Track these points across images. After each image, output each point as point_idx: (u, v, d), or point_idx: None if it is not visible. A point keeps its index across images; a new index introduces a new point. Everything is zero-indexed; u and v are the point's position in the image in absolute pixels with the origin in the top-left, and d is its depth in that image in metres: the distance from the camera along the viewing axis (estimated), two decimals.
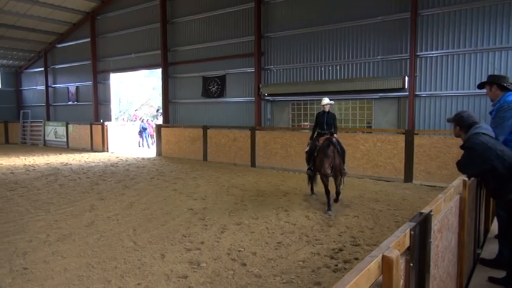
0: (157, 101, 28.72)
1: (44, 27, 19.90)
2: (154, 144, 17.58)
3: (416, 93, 10.86)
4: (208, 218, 6.66)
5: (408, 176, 9.84)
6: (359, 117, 12.32)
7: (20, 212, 7.13)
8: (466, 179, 3.27)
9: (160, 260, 4.76)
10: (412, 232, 1.82)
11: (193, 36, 15.80)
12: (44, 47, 21.94)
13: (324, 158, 6.76)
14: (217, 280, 4.16)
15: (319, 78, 12.63)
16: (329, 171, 6.78)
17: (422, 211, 2.08)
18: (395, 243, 1.64)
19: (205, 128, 14.36)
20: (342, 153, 7.16)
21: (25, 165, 13.61)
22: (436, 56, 10.55)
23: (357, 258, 4.75)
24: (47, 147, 20.75)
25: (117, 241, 5.48)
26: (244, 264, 4.60)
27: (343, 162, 7.30)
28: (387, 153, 10.21)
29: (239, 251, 5.05)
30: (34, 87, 23.65)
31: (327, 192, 7.00)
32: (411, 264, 1.83)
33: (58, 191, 8.98)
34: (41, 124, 21.71)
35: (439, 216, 2.43)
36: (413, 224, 1.88)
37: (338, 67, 12.22)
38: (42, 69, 22.47)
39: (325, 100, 7.73)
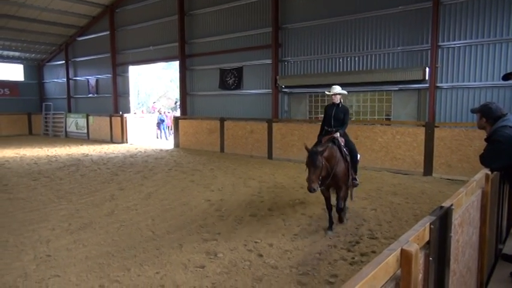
0: (175, 93, 28.98)
1: (64, 20, 20.23)
2: (172, 136, 17.75)
3: (438, 84, 10.60)
4: (225, 209, 6.71)
5: (428, 169, 9.66)
6: (378, 109, 12.13)
7: (44, 201, 7.35)
8: (489, 172, 3.18)
9: (178, 249, 4.84)
10: (432, 226, 1.79)
11: (210, 28, 15.80)
12: (64, 40, 22.33)
13: (308, 168, 5.02)
14: (233, 270, 4.20)
15: (337, 70, 12.47)
16: (314, 187, 4.87)
17: (442, 205, 2.04)
18: (415, 237, 1.62)
19: (222, 120, 14.42)
20: (350, 157, 5.74)
21: (48, 155, 13.98)
22: (459, 47, 10.25)
23: (374, 252, 4.72)
24: (69, 138, 21.24)
25: (136, 230, 5.59)
26: (261, 255, 4.63)
27: (354, 170, 5.88)
28: (406, 146, 10.03)
29: (255, 242, 5.08)
30: (56, 79, 24.16)
31: (328, 207, 5.63)
32: (430, 258, 1.80)
33: (79, 181, 9.20)
34: (63, 116, 22.22)
35: (460, 211, 2.39)
36: (433, 217, 1.84)
37: (356, 58, 12.03)
38: (64, 62, 22.92)
39: (335, 89, 6.15)
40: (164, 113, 22.05)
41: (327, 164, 5.12)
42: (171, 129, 20.46)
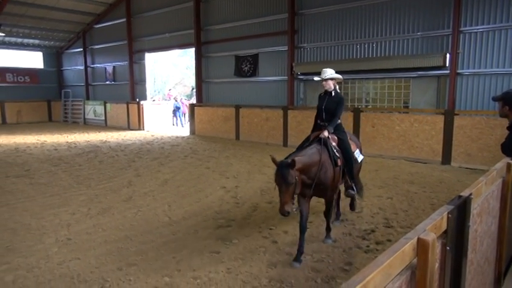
0: (191, 81, 29.04)
1: (82, 8, 20.39)
2: (188, 123, 17.88)
3: (458, 71, 10.31)
4: (240, 196, 6.76)
5: (446, 158, 9.49)
6: (395, 97, 11.91)
7: (64, 186, 7.54)
8: (511, 161, 3.10)
9: (194, 235, 4.91)
10: (449, 215, 1.77)
11: (226, 15, 15.68)
12: (82, 27, 22.55)
13: (278, 186, 3.93)
14: (248, 256, 4.25)
15: (355, 56, 12.25)
16: (288, 209, 3.80)
17: (461, 194, 2.01)
18: (432, 226, 1.60)
19: (237, 108, 14.42)
20: (345, 159, 4.63)
21: (67, 142, 14.29)
22: (482, 32, 9.91)
23: (389, 240, 4.69)
24: (87, 125, 21.63)
25: (153, 216, 5.70)
26: (276, 242, 4.66)
27: (350, 175, 4.74)
28: (424, 134, 9.86)
29: (270, 229, 5.12)
30: (74, 67, 24.50)
31: (302, 227, 4.23)
32: (448, 247, 1.78)
33: (98, 167, 9.39)
34: (81, 103, 22.59)
35: (479, 200, 2.34)
36: (451, 207, 1.82)
37: (374, 44, 11.78)
38: (81, 49, 23.18)
39: (326, 73, 4.91)
40: (180, 100, 22.17)
41: (304, 175, 4.07)
42: (185, 116, 20.63)
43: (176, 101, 21.45)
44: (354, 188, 4.89)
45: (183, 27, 17.28)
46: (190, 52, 19.88)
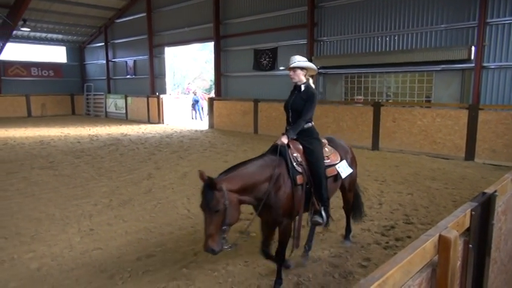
0: (210, 75, 29.16)
1: (104, 3, 20.70)
2: (207, 116, 17.99)
3: (484, 64, 9.99)
4: None
5: (469, 154, 9.24)
6: (417, 91, 11.65)
7: (86, 178, 7.72)
8: None
9: None
10: (473, 213, 1.72)
11: (245, 8, 15.63)
12: (104, 22, 22.91)
13: (204, 213, 2.99)
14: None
15: (375, 50, 12.02)
16: (213, 246, 2.90)
17: (485, 191, 1.95)
18: (454, 223, 1.56)
19: (256, 101, 14.40)
20: (313, 176, 3.54)
21: (89, 135, 14.61)
22: (509, 23, 9.56)
23: (409, 237, 4.62)
24: (108, 118, 22.05)
25: (172, 208, 5.78)
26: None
27: (319, 197, 3.61)
28: (447, 129, 9.62)
29: None
30: (96, 61, 24.96)
31: (264, 252, 3.63)
32: (470, 245, 1.74)
33: (119, 160, 9.57)
34: (103, 97, 23.03)
35: (505, 197, 2.27)
36: (474, 204, 1.77)
37: (396, 37, 11.53)
38: (103, 44, 23.57)
39: (293, 59, 3.93)
40: (199, 94, 22.31)
41: (249, 197, 3.19)
42: (203, 110, 20.77)
43: (195, 94, 21.60)
44: (323, 214, 3.65)
45: (203, 21, 17.33)
46: (210, 46, 19.97)
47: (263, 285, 3.52)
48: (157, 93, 19.66)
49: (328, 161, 3.80)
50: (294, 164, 3.46)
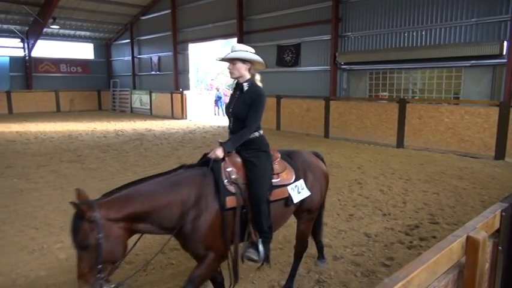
0: None
1: (130, 0, 21.09)
2: None
3: None
4: None
5: (500, 153, 8.92)
6: (445, 87, 11.32)
7: (112, 171, 7.92)
8: None
9: None
10: (503, 214, 1.67)
11: (268, 4, 15.58)
12: (129, 19, 23.34)
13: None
14: (287, 247, 4.26)
15: (402, 45, 11.74)
16: None
17: None
18: (483, 224, 1.52)
19: (278, 98, 14.36)
20: (250, 198, 2.76)
21: (115, 130, 14.96)
22: None
23: (434, 237, 4.51)
24: (134, 113, 22.50)
25: None
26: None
27: (257, 225, 2.81)
28: (476, 127, 9.31)
29: None
30: (122, 57, 25.49)
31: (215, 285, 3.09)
32: (500, 247, 1.69)
33: (143, 154, 9.77)
34: (128, 92, 23.52)
35: None
36: (505, 205, 1.71)
37: (423, 32, 11.22)
38: (129, 40, 24.04)
39: (232, 48, 3.16)
40: (222, 90, 22.44)
41: (151, 226, 2.47)
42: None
43: (218, 91, 21.73)
44: (261, 248, 2.82)
45: (226, 18, 17.39)
46: (233, 42, 20.01)
47: (284, 282, 3.52)
48: (180, 89, 19.90)
49: (278, 180, 2.94)
50: (225, 181, 2.67)
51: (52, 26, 21.39)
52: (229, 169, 2.76)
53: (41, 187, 6.68)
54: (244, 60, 3.05)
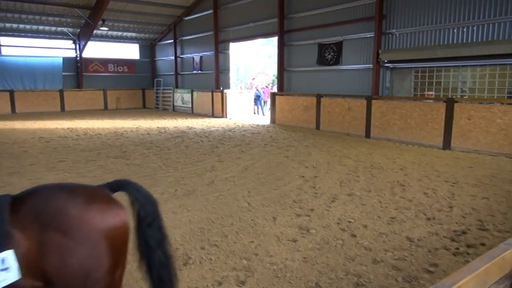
0: (273, 70, 29.27)
1: (173, 1, 21.66)
2: (269, 111, 18.10)
3: None
4: (319, 186, 6.68)
5: None
6: (498, 86, 10.65)
7: (154, 168, 8.19)
8: None
9: (272, 222, 4.99)
10: None
11: (309, 2, 15.40)
12: (173, 20, 23.97)
13: None
14: (325, 248, 4.20)
15: (450, 42, 11.18)
16: None
17: None
18: None
19: (318, 97, 14.19)
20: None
21: (158, 127, 15.46)
22: None
23: (483, 244, 4.27)
24: (176, 112, 23.12)
25: (233, 201, 5.91)
26: (354, 236, 4.53)
27: None
28: None
29: (349, 221, 4.98)
30: (165, 57, 26.26)
31: None
32: None
33: (184, 152, 10.01)
34: (171, 91, 24.20)
35: None
36: None
37: (474, 28, 10.62)
38: (172, 41, 24.70)
39: None
40: (262, 88, 22.50)
41: None
42: (265, 104, 20.91)
43: (258, 89, 21.82)
44: None
45: (267, 16, 17.41)
46: (273, 41, 20.03)
47: (322, 283, 3.48)
48: (221, 88, 20.18)
49: None
50: None
51: (101, 28, 22.43)
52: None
53: (88, 181, 7.04)
54: None
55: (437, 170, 7.83)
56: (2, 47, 22.28)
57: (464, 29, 10.84)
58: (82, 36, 23.28)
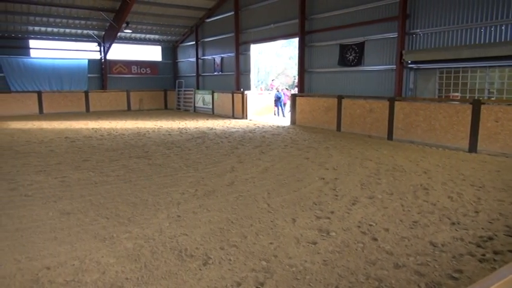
0: (293, 71, 29.18)
1: (195, 3, 21.90)
2: (289, 112, 18.04)
3: None
4: (340, 188, 6.61)
5: None
6: None
7: (175, 168, 8.29)
8: None
9: (291, 223, 4.97)
10: None
11: (331, 3, 15.28)
12: (195, 22, 24.25)
13: None
14: (346, 251, 4.15)
15: (477, 41, 10.87)
16: None
17: None
18: None
19: (339, 98, 14.04)
20: None
21: (179, 128, 15.65)
22: None
23: (511, 251, 4.12)
24: (197, 113, 23.35)
25: (253, 202, 5.92)
26: (375, 239, 4.46)
27: None
28: None
29: (370, 225, 4.90)
30: (187, 59, 26.58)
31: None
32: None
33: (205, 152, 10.10)
34: (192, 92, 24.47)
35: None
36: None
37: (503, 27, 10.28)
38: (194, 42, 24.99)
39: None
40: (282, 90, 22.47)
41: None
42: (284, 106, 20.86)
43: (278, 91, 21.79)
44: None
45: (288, 18, 17.37)
46: (294, 42, 19.97)
47: (342, 286, 3.43)
48: (241, 89, 20.26)
49: None
50: None
51: (125, 31, 22.92)
52: None
53: (112, 180, 7.19)
54: None
55: (462, 173, 7.61)
56: (31, 50, 23.09)
57: (492, 29, 10.51)
58: (107, 38, 23.84)
